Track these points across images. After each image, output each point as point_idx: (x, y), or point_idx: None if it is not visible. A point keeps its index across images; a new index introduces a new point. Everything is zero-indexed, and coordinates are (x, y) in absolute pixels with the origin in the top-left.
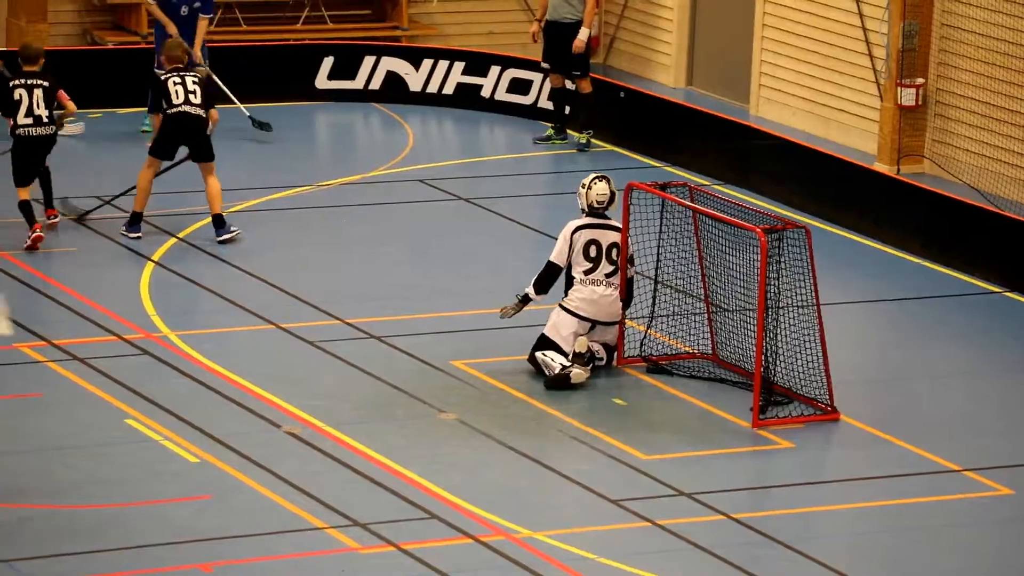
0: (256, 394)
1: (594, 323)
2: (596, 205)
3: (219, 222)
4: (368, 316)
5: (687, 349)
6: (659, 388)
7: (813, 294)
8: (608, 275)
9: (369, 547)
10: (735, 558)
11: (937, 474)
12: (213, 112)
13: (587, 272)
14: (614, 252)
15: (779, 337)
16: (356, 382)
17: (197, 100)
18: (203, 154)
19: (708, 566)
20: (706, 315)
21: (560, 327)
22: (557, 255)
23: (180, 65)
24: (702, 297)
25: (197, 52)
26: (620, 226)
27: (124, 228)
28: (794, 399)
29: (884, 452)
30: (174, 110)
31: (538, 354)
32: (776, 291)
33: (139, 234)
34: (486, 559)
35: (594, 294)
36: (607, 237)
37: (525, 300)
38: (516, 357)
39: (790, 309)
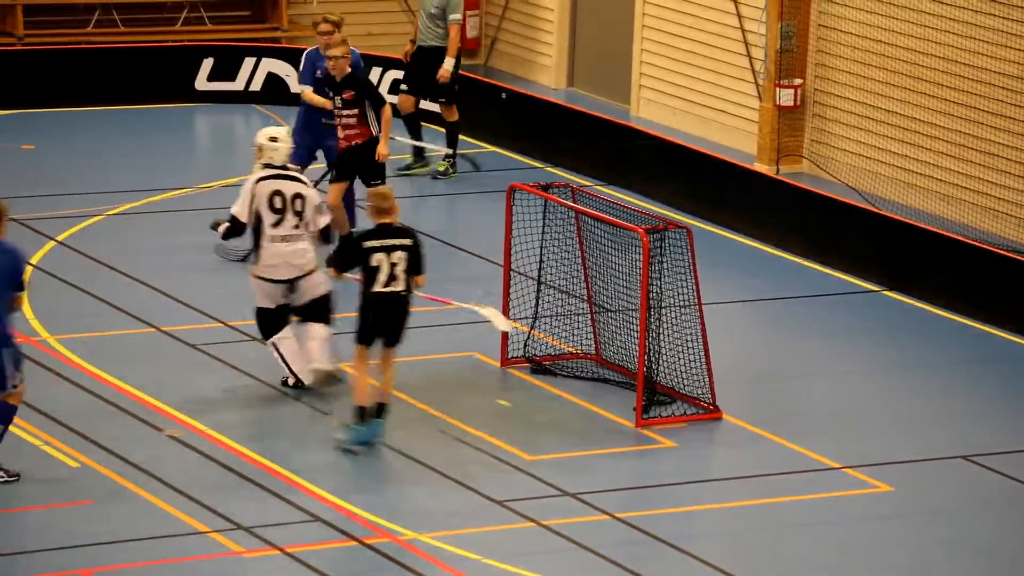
0: (137, 398)
1: (291, 282)
2: (271, 160)
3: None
4: (250, 318)
5: (570, 349)
6: (543, 389)
7: (695, 294)
8: (296, 227)
9: (253, 551)
10: (619, 557)
11: (818, 472)
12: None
13: (275, 225)
14: (298, 203)
15: (661, 337)
16: (239, 385)
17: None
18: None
19: (592, 566)
20: (589, 315)
21: (266, 299)
22: (239, 209)
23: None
24: (585, 297)
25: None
26: (304, 179)
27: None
28: (677, 399)
29: (766, 450)
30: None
31: (275, 347)
32: (658, 291)
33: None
34: (371, 561)
35: (280, 253)
36: (290, 188)
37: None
38: (400, 359)
39: (672, 309)
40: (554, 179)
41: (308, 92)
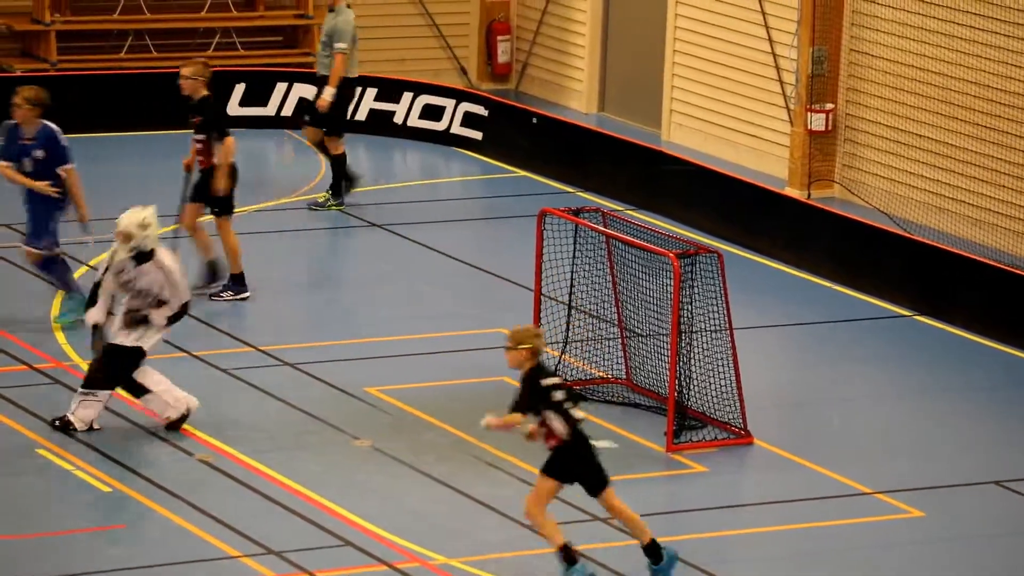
0: None
1: None
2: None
3: None
4: (281, 343)
5: (601, 374)
6: None
7: (726, 318)
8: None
9: (284, 575)
10: None
11: (849, 497)
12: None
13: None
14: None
15: (692, 362)
16: (269, 409)
17: None
18: None
19: None
20: (620, 340)
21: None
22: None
23: None
24: (616, 322)
25: (83, 209)
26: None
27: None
28: (708, 423)
29: (797, 475)
30: None
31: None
32: (689, 316)
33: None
34: None
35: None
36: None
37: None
38: (430, 383)
39: (703, 333)
40: (585, 204)
41: (1, 166)
